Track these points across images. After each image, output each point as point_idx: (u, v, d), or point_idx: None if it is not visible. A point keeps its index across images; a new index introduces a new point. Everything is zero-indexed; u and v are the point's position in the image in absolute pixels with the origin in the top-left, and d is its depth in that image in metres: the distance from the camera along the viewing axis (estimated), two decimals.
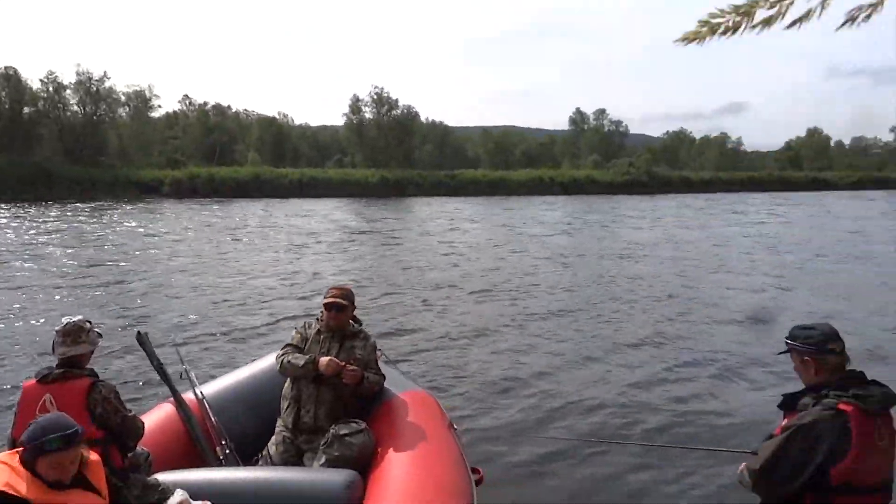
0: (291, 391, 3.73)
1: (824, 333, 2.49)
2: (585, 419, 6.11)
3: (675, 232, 25.64)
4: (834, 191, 71.05)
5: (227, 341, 8.85)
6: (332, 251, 19.13)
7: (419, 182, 60.32)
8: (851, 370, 2.47)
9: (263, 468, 3.45)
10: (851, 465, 2.28)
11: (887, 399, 2.36)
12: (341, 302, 3.79)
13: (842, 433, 2.29)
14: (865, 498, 2.35)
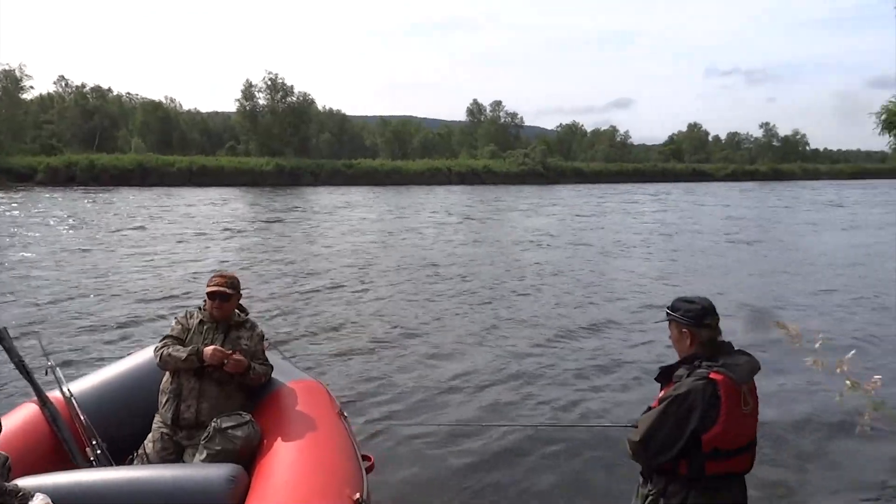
0: (171, 385, 3.50)
1: (703, 308, 2.60)
2: (476, 403, 6.16)
3: (572, 220, 26.54)
4: (711, 182, 75.84)
5: (100, 336, 8.30)
6: (221, 241, 18.40)
7: (315, 171, 59.22)
8: (721, 341, 2.60)
9: (138, 467, 3.23)
10: (721, 431, 2.41)
11: (752, 368, 2.51)
12: (225, 290, 3.60)
13: (712, 401, 2.41)
14: (733, 460, 2.49)
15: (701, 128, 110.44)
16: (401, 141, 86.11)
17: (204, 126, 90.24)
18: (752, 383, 2.57)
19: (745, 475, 2.64)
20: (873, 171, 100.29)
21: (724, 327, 2.65)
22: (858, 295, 11.50)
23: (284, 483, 2.73)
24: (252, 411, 3.44)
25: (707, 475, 2.46)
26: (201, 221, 23.87)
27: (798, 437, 5.55)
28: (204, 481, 2.82)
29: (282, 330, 8.60)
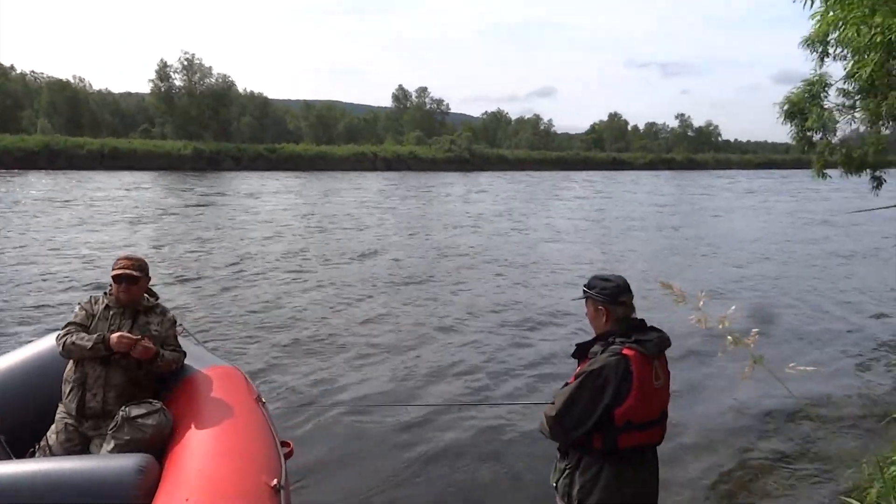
0: (75, 374, 3.30)
1: (618, 286, 2.66)
2: (399, 385, 6.18)
3: (502, 205, 26.82)
4: (630, 170, 78.29)
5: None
6: (134, 226, 17.63)
7: (237, 155, 57.49)
8: (634, 318, 2.67)
9: (40, 460, 3.04)
10: (633, 404, 2.48)
11: (662, 343, 2.60)
12: (132, 273, 3.42)
13: (625, 376, 2.47)
14: (645, 433, 2.57)
15: (621, 117, 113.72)
16: (325, 126, 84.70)
17: (116, 107, 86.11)
18: (664, 358, 2.66)
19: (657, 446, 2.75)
20: (779, 161, 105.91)
21: (639, 305, 2.73)
22: (761, 270, 12.18)
23: (197, 471, 2.63)
24: (164, 399, 3.31)
25: (620, 448, 2.53)
26: (113, 206, 22.77)
27: (686, 393, 5.91)
28: (111, 472, 2.69)
29: (198, 317, 8.33)
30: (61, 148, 49.66)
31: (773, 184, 51.79)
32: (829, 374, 6.86)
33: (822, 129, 6.38)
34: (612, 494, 2.57)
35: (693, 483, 4.45)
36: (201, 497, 2.43)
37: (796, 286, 11.50)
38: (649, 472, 2.70)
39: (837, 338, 8.25)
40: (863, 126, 6.53)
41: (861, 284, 11.58)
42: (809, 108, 6.24)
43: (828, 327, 8.75)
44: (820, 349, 7.75)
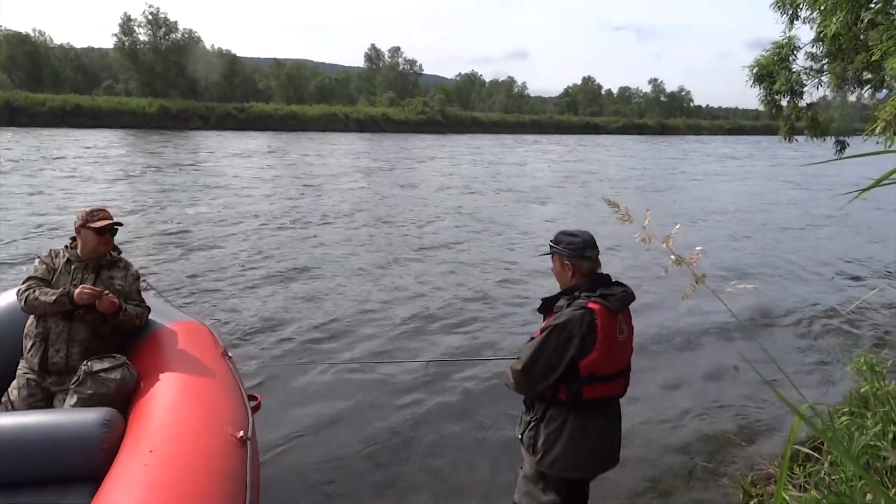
0: (37, 329, 3.25)
1: (585, 241, 2.69)
2: (365, 341, 6.21)
3: (479, 167, 26.69)
4: (604, 134, 78.44)
5: None
6: (97, 184, 17.23)
7: (205, 114, 56.18)
8: (600, 273, 2.71)
9: (2, 414, 3.01)
10: (597, 357, 2.53)
11: (627, 298, 2.64)
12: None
13: (590, 329, 2.52)
14: (608, 385, 2.63)
15: (594, 81, 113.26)
16: (296, 85, 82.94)
17: (78, 63, 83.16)
18: (628, 312, 2.70)
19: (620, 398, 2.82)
20: (748, 127, 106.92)
21: (605, 261, 2.77)
22: (733, 227, 12.43)
23: (162, 424, 2.63)
24: (128, 354, 3.28)
25: (585, 399, 2.59)
26: (76, 163, 22.18)
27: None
28: (75, 426, 2.68)
29: (163, 273, 8.26)
30: (22, 104, 47.95)
31: (749, 149, 52.41)
32: (770, 294, 7.69)
33: (789, 92, 6.45)
34: (576, 445, 2.63)
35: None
36: (165, 448, 2.43)
37: (760, 239, 12.00)
38: (613, 423, 2.77)
39: (787, 273, 8.91)
40: (829, 91, 6.61)
41: (821, 237, 11.94)
42: (778, 72, 6.29)
43: (781, 266, 9.53)
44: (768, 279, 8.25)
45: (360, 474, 3.87)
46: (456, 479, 3.87)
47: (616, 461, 2.83)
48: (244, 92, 76.36)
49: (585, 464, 2.70)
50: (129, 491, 2.18)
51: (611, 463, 2.81)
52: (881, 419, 3.19)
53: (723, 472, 4.01)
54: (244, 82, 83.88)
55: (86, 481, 2.60)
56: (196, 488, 2.26)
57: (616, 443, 2.81)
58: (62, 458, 2.64)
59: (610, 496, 3.64)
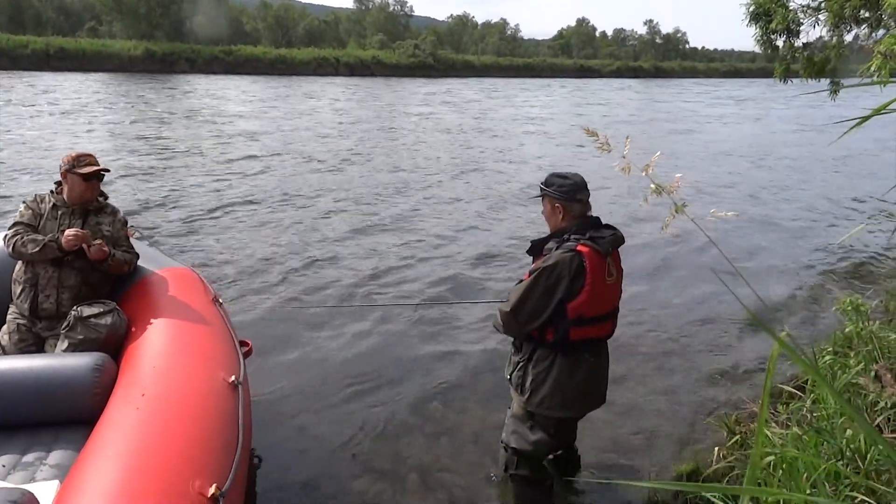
0: (25, 274, 3.23)
1: (575, 183, 2.67)
2: (356, 287, 6.23)
3: (484, 112, 26.35)
4: (598, 78, 77.27)
5: None
6: (83, 127, 16.95)
7: (191, 57, 54.84)
8: (590, 216, 2.70)
9: None
10: (586, 299, 2.55)
11: (616, 241, 2.64)
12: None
13: (578, 271, 2.53)
14: (596, 327, 2.66)
15: (589, 23, 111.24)
16: (284, 28, 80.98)
17: (60, 4, 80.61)
18: (617, 255, 2.71)
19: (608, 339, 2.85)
20: (744, 70, 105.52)
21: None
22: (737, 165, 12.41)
23: (153, 368, 2.65)
24: (119, 300, 3.28)
25: (572, 340, 2.62)
26: (61, 106, 21.75)
27: None
28: (67, 370, 2.70)
29: (153, 220, 8.21)
30: (3, 47, 46.65)
31: (755, 92, 51.76)
32: (752, 224, 7.86)
33: (785, 31, 6.34)
34: (563, 384, 2.68)
35: None
36: (158, 392, 2.45)
37: (748, 177, 12.37)
38: (600, 363, 2.81)
39: None
40: (826, 30, 6.52)
41: (813, 174, 11.96)
42: (774, 10, 6.17)
43: (769, 202, 9.81)
44: None
45: (351, 417, 3.94)
46: (447, 420, 3.95)
47: (603, 400, 2.89)
48: (231, 34, 74.48)
49: (573, 403, 2.75)
50: (122, 433, 2.21)
51: (598, 402, 2.86)
52: (864, 358, 3.24)
53: (707, 412, 4.10)
54: (231, 24, 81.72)
55: (79, 424, 2.64)
56: (188, 431, 2.29)
57: (603, 383, 2.86)
58: (55, 402, 2.67)
59: (596, 435, 3.72)
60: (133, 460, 2.07)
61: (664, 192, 1.42)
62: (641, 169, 1.44)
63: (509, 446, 2.91)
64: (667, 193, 1.41)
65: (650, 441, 3.79)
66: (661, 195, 1.43)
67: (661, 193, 1.42)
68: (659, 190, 1.42)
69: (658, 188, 1.42)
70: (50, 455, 2.57)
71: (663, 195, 1.44)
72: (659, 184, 1.41)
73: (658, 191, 1.43)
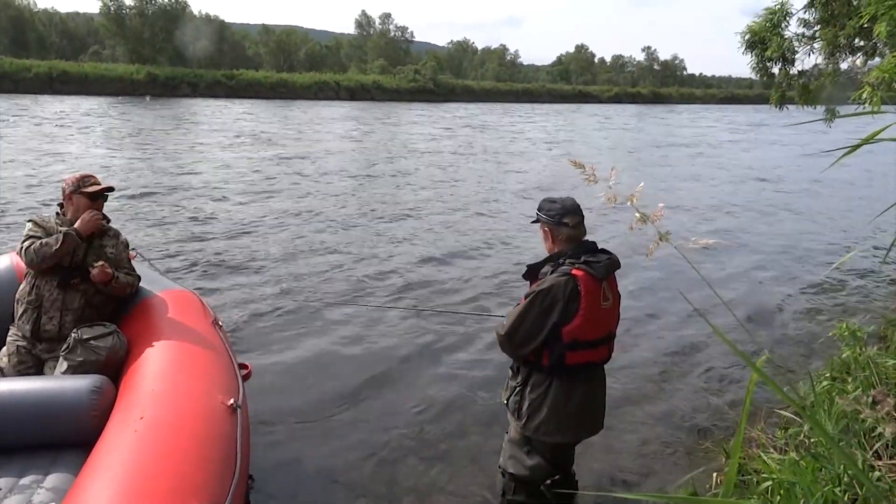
0: (29, 295, 3.23)
1: (564, 207, 2.69)
2: (356, 307, 6.23)
3: (483, 138, 26.53)
4: (597, 103, 77.85)
5: None
6: (84, 154, 17.01)
7: (194, 81, 55.33)
8: (586, 241, 2.72)
9: None
10: (580, 323, 2.56)
11: (611, 265, 2.66)
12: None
13: (573, 296, 2.55)
14: (591, 351, 2.67)
15: (588, 49, 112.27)
16: (286, 52, 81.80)
17: (63, 28, 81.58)
18: (613, 279, 2.73)
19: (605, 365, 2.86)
20: (741, 96, 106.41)
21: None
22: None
23: (153, 391, 2.64)
24: (119, 323, 3.29)
25: (567, 365, 2.63)
26: (64, 130, 21.91)
27: None
28: (66, 393, 2.70)
29: (152, 242, 8.24)
30: (7, 70, 47.09)
31: (738, 117, 52.19)
32: (732, 249, 7.81)
33: (781, 59, 6.43)
34: (559, 410, 2.68)
35: None
36: (156, 415, 2.44)
37: (739, 204, 12.31)
38: (596, 389, 2.81)
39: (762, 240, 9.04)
40: (821, 58, 6.60)
41: (802, 201, 12.01)
42: (770, 38, 6.25)
43: (760, 230, 9.87)
44: None
45: (346, 439, 3.93)
46: (443, 444, 3.93)
47: (600, 426, 2.89)
48: (233, 59, 75.26)
49: (569, 429, 2.75)
50: (119, 456, 2.21)
51: (595, 428, 2.86)
52: (861, 383, 3.25)
53: (704, 436, 4.09)
54: (233, 49, 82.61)
55: (77, 447, 2.63)
56: (186, 454, 2.29)
57: (600, 408, 2.86)
58: (53, 424, 2.67)
59: (594, 459, 3.71)
60: (130, 483, 2.07)
61: (648, 221, 1.46)
62: (627, 199, 1.49)
63: (506, 471, 2.90)
64: (650, 222, 1.46)
65: (648, 466, 3.78)
66: (646, 223, 1.47)
67: (645, 222, 1.46)
68: (644, 219, 1.47)
69: (643, 217, 1.46)
70: (47, 478, 2.56)
71: (648, 223, 1.48)
72: (643, 213, 1.46)
73: (643, 219, 1.47)
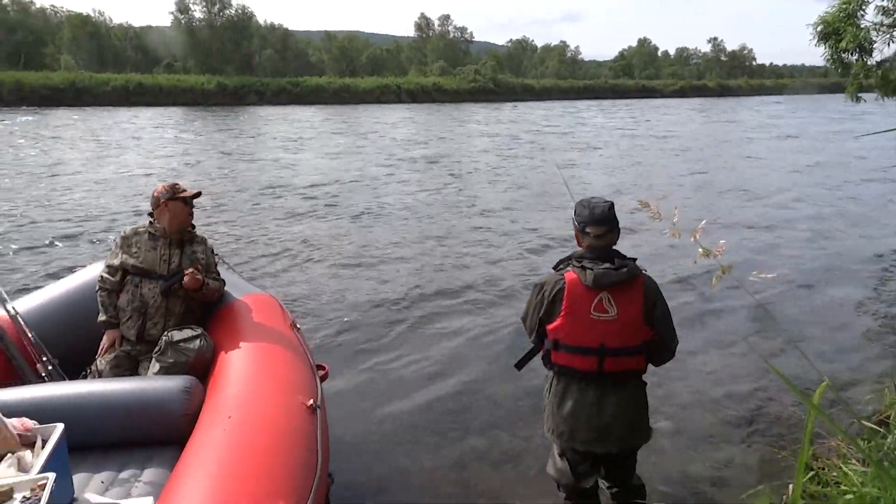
0: (133, 302, 3.43)
1: (591, 216, 2.64)
2: (424, 311, 6.32)
3: (529, 135, 26.44)
4: (661, 98, 76.07)
5: (44, 255, 8.23)
6: (162, 162, 17.81)
7: (260, 90, 57.06)
8: (607, 248, 2.65)
9: (92, 381, 3.22)
10: (560, 325, 2.60)
11: (610, 278, 2.54)
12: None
13: (558, 296, 2.60)
14: (575, 357, 2.63)
15: (651, 43, 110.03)
16: (348, 58, 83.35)
17: (138, 42, 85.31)
18: (626, 293, 2.58)
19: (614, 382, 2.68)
20: (815, 85, 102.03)
21: None
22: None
23: (238, 392, 2.78)
24: (205, 325, 3.47)
25: (555, 363, 2.69)
26: (144, 141, 22.99)
27: None
28: (159, 393, 2.86)
29: (231, 246, 8.55)
30: (86, 85, 49.70)
31: (809, 108, 49.90)
32: (797, 285, 7.12)
33: (857, 49, 6.16)
34: (554, 411, 2.73)
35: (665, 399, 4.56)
36: (243, 415, 2.57)
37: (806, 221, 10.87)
38: (598, 402, 2.66)
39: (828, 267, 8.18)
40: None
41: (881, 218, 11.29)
42: (844, 29, 6.01)
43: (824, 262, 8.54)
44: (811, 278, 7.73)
45: (421, 441, 4.00)
46: (519, 448, 3.95)
47: (625, 440, 2.72)
48: (297, 66, 77.13)
49: (564, 433, 2.71)
50: (211, 455, 2.34)
51: (615, 441, 2.69)
52: None
53: (782, 445, 3.97)
54: (297, 56, 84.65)
55: (169, 444, 2.78)
56: (272, 454, 2.40)
57: (617, 421, 2.66)
58: (148, 423, 2.84)
59: (664, 467, 3.67)
60: (222, 482, 2.19)
61: (711, 255, 1.51)
62: (690, 235, 1.53)
63: None
64: (712, 256, 1.50)
65: (722, 475, 3.70)
66: (709, 257, 1.52)
67: (708, 256, 1.51)
68: (707, 253, 1.51)
69: (706, 251, 1.51)
70: (144, 473, 2.73)
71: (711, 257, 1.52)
72: (706, 248, 1.50)
73: (706, 254, 1.51)
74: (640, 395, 2.75)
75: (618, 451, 2.73)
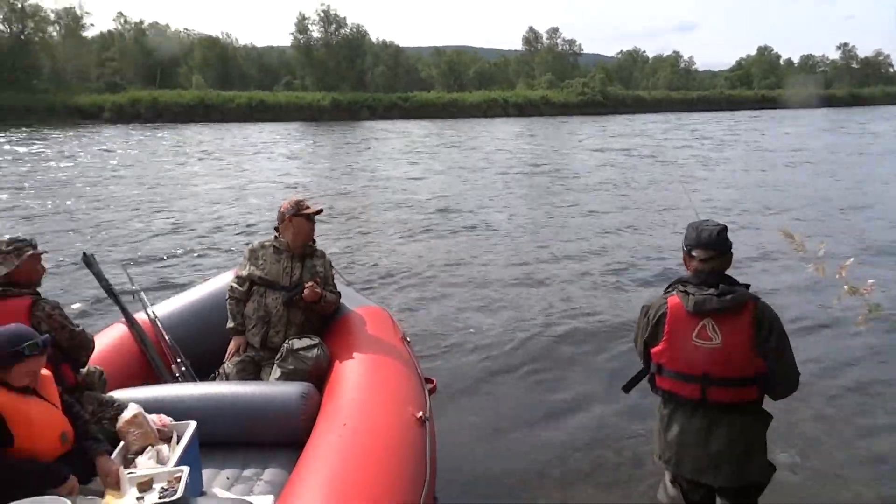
0: (258, 312, 3.65)
1: (698, 239, 2.55)
2: (533, 329, 6.28)
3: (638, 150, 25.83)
4: (783, 109, 71.64)
5: (180, 263, 8.87)
6: (284, 176, 18.79)
7: (373, 105, 59.08)
8: (714, 273, 2.53)
9: (219, 383, 3.47)
10: (662, 349, 2.54)
11: (705, 304, 2.44)
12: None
13: (661, 319, 2.54)
14: (678, 383, 2.54)
15: (772, 51, 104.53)
16: (456, 72, 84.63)
17: (260, 61, 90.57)
18: (727, 321, 2.46)
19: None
20: None
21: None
22: None
23: (352, 400, 2.91)
24: (322, 336, 3.64)
25: (659, 387, 2.62)
26: (269, 155, 24.38)
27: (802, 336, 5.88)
28: (280, 398, 3.04)
29: (345, 261, 8.86)
30: (214, 103, 53.45)
31: None
32: None
33: None
34: (660, 435, 2.66)
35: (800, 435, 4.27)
36: (357, 423, 2.68)
37: None
38: (705, 431, 2.52)
39: None
40: None
41: None
42: None
43: None
44: None
45: (524, 459, 3.99)
46: (622, 471, 3.88)
47: (738, 476, 2.52)
48: (407, 81, 79.18)
49: (670, 459, 2.61)
50: (327, 460, 2.46)
51: (726, 475, 2.52)
52: None
53: None
54: (407, 72, 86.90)
55: (288, 446, 2.95)
56: (384, 462, 2.49)
57: (725, 454, 2.50)
58: (269, 425, 3.02)
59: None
60: (338, 486, 2.29)
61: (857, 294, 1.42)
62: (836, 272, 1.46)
63: None
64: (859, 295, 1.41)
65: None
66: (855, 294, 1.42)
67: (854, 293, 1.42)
68: (853, 291, 1.43)
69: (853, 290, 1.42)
70: (265, 472, 2.91)
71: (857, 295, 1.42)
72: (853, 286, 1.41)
73: (852, 292, 1.43)
74: (756, 428, 2.56)
75: (733, 486, 2.55)
